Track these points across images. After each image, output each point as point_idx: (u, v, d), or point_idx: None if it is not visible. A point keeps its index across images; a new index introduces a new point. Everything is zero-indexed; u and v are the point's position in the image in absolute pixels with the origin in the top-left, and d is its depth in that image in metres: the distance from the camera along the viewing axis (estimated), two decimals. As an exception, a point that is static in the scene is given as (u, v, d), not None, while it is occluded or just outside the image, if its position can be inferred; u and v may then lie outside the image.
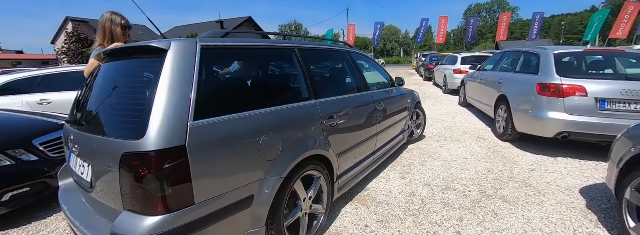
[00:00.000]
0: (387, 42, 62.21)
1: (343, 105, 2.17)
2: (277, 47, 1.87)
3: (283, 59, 1.99)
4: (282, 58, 1.98)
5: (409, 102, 3.56)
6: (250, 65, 1.88)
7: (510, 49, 4.98)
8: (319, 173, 1.88)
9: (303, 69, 1.92)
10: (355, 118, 2.30)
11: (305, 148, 1.71)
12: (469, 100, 6.09)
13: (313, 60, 2.14)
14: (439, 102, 7.50)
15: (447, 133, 4.48)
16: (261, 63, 1.91)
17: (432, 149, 3.74)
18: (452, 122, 5.21)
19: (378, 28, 21.94)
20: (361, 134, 2.40)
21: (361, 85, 2.56)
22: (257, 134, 1.45)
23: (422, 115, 4.06)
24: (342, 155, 2.13)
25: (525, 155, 3.39)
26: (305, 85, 1.91)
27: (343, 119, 2.10)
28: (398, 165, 3.21)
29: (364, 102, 2.48)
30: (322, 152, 1.85)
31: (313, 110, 1.86)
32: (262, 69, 1.93)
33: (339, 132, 2.06)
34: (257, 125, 1.47)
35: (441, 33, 21.83)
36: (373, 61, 3.24)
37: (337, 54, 2.55)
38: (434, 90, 10.05)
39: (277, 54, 1.95)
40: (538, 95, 3.27)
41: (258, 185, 1.44)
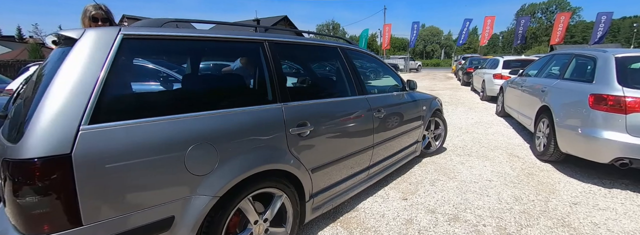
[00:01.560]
0: (428, 44, 59.39)
1: (322, 111, 1.82)
2: (235, 40, 1.56)
3: (245, 54, 1.67)
4: (244, 52, 1.67)
5: (424, 109, 3.07)
6: (190, 60, 1.59)
7: (560, 51, 4.19)
8: (280, 191, 1.58)
9: (270, 66, 1.62)
10: (340, 126, 1.94)
11: (257, 161, 1.43)
12: (507, 109, 5.32)
13: (288, 56, 1.82)
14: (473, 110, 6.72)
15: (473, 147, 3.87)
16: (209, 58, 1.61)
17: (450, 165, 3.21)
18: (483, 134, 4.54)
19: (415, 28, 20.80)
20: (348, 146, 2.03)
21: (354, 88, 2.18)
22: (182, 143, 1.19)
23: (442, 125, 3.52)
24: (318, 171, 1.80)
25: (568, 182, 2.74)
26: (269, 85, 1.60)
27: (320, 127, 1.77)
28: (403, 183, 2.76)
29: (354, 108, 2.09)
30: (284, 167, 1.54)
31: (274, 116, 1.55)
32: (207, 65, 1.63)
33: (314, 143, 1.73)
34: (183, 133, 1.21)
35: (486, 34, 20.11)
36: (380, 61, 2.82)
37: (325, 50, 2.19)
38: (471, 96, 9.14)
39: (236, 48, 1.64)
40: (591, 108, 2.60)
41: (181, 205, 1.19)
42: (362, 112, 2.15)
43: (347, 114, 2.01)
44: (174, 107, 1.25)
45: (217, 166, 1.30)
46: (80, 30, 1.13)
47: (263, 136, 1.49)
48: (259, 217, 1.53)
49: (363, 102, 2.19)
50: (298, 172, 1.64)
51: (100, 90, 1.04)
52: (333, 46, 2.19)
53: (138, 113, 1.13)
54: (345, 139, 2.00)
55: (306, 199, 1.77)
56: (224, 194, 1.31)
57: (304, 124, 1.67)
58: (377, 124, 2.29)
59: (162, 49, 1.40)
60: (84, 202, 0.99)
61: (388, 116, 2.44)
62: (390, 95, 2.62)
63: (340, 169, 2.02)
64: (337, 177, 2.01)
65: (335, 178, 2.01)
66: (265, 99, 1.57)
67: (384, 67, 2.83)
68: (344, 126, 1.97)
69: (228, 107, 1.40)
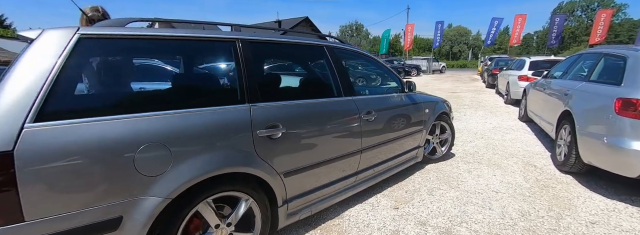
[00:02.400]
0: (454, 44, 57.21)
1: (297, 113, 1.73)
2: (204, 39, 1.51)
3: (215, 53, 1.62)
4: (214, 51, 1.62)
5: (426, 112, 2.86)
6: (154, 60, 1.55)
7: (588, 50, 3.77)
8: (246, 195, 1.52)
9: (241, 66, 1.55)
10: (320, 129, 1.83)
11: (216, 164, 1.37)
12: (529, 114, 4.92)
13: (264, 55, 1.75)
14: (494, 113, 6.29)
15: (486, 153, 3.58)
16: (172, 57, 1.57)
17: (455, 173, 2.97)
18: (500, 140, 4.21)
19: (439, 28, 20.03)
20: (330, 150, 1.91)
21: (340, 89, 2.05)
22: (132, 143, 1.18)
23: (449, 130, 3.28)
24: (292, 175, 1.71)
25: (589, 198, 2.42)
26: (238, 85, 1.53)
27: (295, 129, 1.67)
28: (399, 190, 2.58)
29: (337, 110, 1.97)
30: (248, 170, 1.48)
31: (239, 117, 1.48)
32: (169, 64, 1.58)
33: (287, 146, 1.65)
34: (133, 133, 1.19)
35: (516, 34, 18.93)
36: (377, 61, 2.66)
37: (308, 49, 2.08)
38: (494, 99, 8.61)
39: (206, 47, 1.58)
40: (617, 115, 2.29)
41: (130, 205, 1.18)
42: (347, 114, 2.02)
43: (327, 116, 1.89)
44: (126, 107, 1.25)
45: (171, 168, 1.26)
46: (38, 31, 1.16)
47: (225, 138, 1.43)
48: (222, 221, 1.47)
49: (349, 104, 2.06)
50: (267, 176, 1.56)
51: (49, 90, 1.07)
52: (318, 45, 2.07)
53: (87, 112, 1.15)
54: (326, 142, 1.88)
55: (279, 204, 1.69)
56: (177, 196, 1.27)
57: (275, 126, 1.59)
58: (366, 128, 2.14)
59: (124, 49, 1.38)
60: (26, 199, 1.01)
61: (380, 119, 2.29)
62: (385, 97, 2.46)
63: (321, 174, 1.90)
64: (316, 182, 1.90)
65: (315, 183, 1.90)
66: (231, 100, 1.52)
67: (382, 67, 2.67)
68: (323, 129, 1.86)
69: (187, 108, 1.36)
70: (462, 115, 6.14)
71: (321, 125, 1.85)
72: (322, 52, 2.06)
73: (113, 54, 1.35)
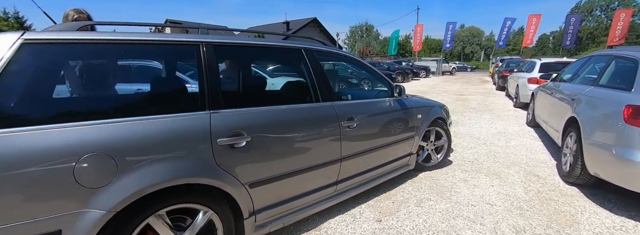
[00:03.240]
0: (467, 45, 56.08)
1: (265, 120, 1.62)
2: (163, 42, 1.43)
3: (175, 57, 1.53)
4: (174, 56, 1.53)
5: (419, 118, 2.70)
6: (107, 65, 1.46)
7: (599, 52, 3.52)
8: (205, 207, 1.43)
9: (204, 71, 1.46)
10: (291, 137, 1.72)
11: (167, 175, 1.28)
12: (537, 119, 4.66)
13: (233, 59, 1.66)
14: (501, 118, 6.03)
15: (486, 161, 3.38)
16: (127, 61, 1.48)
17: (449, 182, 2.79)
18: (503, 146, 3.98)
19: (450, 29, 19.59)
20: (304, 159, 1.79)
21: (318, 94, 1.93)
22: (72, 153, 1.12)
23: (445, 136, 3.10)
24: (260, 186, 1.60)
25: (595, 213, 2.22)
26: (199, 90, 1.44)
27: (262, 137, 1.57)
28: (386, 200, 2.43)
29: (313, 116, 1.85)
30: (206, 181, 1.38)
31: (196, 125, 1.39)
32: (122, 70, 1.50)
33: (253, 155, 1.54)
34: (73, 142, 1.14)
35: (530, 34, 18.31)
36: (364, 64, 2.52)
37: (283, 52, 1.97)
38: (503, 102, 8.29)
39: (165, 51, 1.50)
40: (626, 123, 2.08)
41: (70, 219, 1.12)
42: (324, 121, 1.89)
43: (300, 123, 1.77)
44: (67, 115, 1.18)
45: (116, 179, 1.19)
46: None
47: (179, 147, 1.34)
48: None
49: (327, 110, 1.94)
50: (228, 187, 1.47)
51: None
52: (295, 48, 1.96)
53: (24, 121, 1.09)
54: (299, 151, 1.77)
55: (244, 216, 1.58)
56: (122, 209, 1.19)
57: (239, 134, 1.50)
58: (347, 135, 2.01)
59: (72, 54, 1.30)
60: None
61: (364, 126, 2.15)
62: (370, 102, 2.33)
63: (294, 184, 1.78)
64: (289, 193, 1.79)
65: (287, 194, 1.78)
66: (189, 107, 1.43)
67: (370, 71, 2.53)
68: (296, 137, 1.74)
69: (137, 115, 1.29)
70: (466, 119, 5.91)
71: (293, 132, 1.74)
72: (299, 55, 1.95)
73: (59, 60, 1.27)
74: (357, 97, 2.40)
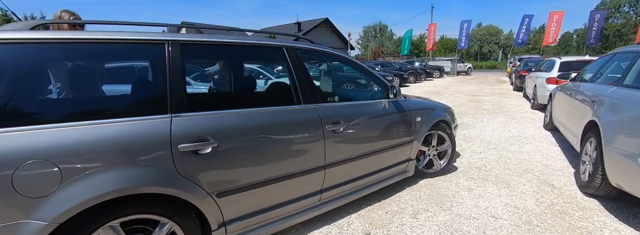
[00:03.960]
0: (484, 44, 54.36)
1: (235, 124, 1.49)
2: (124, 41, 1.34)
3: (137, 57, 1.44)
4: (136, 55, 1.44)
5: (418, 121, 2.50)
6: (53, 66, 1.36)
7: (624, 49, 3.19)
8: (165, 218, 1.32)
9: (168, 71, 1.36)
10: (265, 142, 1.59)
11: (119, 183, 1.19)
12: (554, 121, 4.32)
13: (203, 59, 1.54)
14: (516, 120, 5.67)
15: (495, 168, 3.12)
16: (85, 62, 1.38)
17: (451, 190, 2.57)
18: (516, 152, 3.69)
19: (465, 27, 18.96)
20: (280, 166, 1.65)
21: (299, 96, 1.78)
22: (9, 160, 1.03)
23: (448, 140, 2.87)
24: (230, 195, 1.48)
25: (617, 231, 1.95)
26: (160, 93, 1.34)
27: (232, 143, 1.45)
28: (378, 210, 2.24)
29: (291, 120, 1.70)
30: (165, 190, 1.28)
31: (155, 130, 1.29)
32: (75, 71, 1.38)
33: (221, 162, 1.42)
34: (13, 148, 1.05)
35: (552, 32, 17.43)
36: (359, 65, 2.34)
37: (260, 51, 1.83)
38: (520, 103, 7.86)
39: (126, 50, 1.41)
40: (654, 129, 1.81)
41: (8, 231, 1.04)
42: (305, 124, 1.75)
43: (276, 127, 1.63)
44: (7, 119, 1.09)
45: (59, 188, 1.10)
46: None
47: (133, 154, 1.24)
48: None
49: (308, 113, 1.78)
50: (191, 197, 1.35)
51: None
52: (275, 46, 1.81)
53: None
54: (275, 158, 1.62)
55: (213, 227, 1.47)
56: (66, 220, 1.10)
57: (204, 140, 1.38)
58: (332, 140, 1.85)
59: (19, 54, 1.21)
60: None
61: (352, 130, 1.99)
62: (360, 105, 2.16)
63: (270, 192, 1.65)
64: (265, 202, 1.65)
65: (263, 203, 1.65)
66: (148, 110, 1.32)
67: (362, 71, 2.36)
68: (271, 142, 1.60)
69: (83, 119, 1.19)
70: (478, 121, 5.59)
71: (267, 138, 1.60)
72: (279, 54, 1.80)
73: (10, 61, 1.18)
74: (348, 98, 2.23)
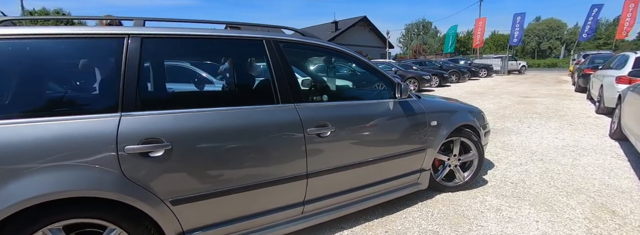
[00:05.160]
0: (543, 40, 48.84)
1: (194, 124, 1.34)
2: (78, 36, 1.26)
3: (91, 53, 1.36)
4: (89, 51, 1.35)
5: (434, 125, 2.12)
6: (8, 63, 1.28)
7: None
8: (112, 224, 1.25)
9: (124, 66, 1.27)
10: (231, 146, 1.42)
11: (58, 185, 1.11)
12: (624, 129, 3.52)
13: (167, 54, 1.51)
14: (574, 126, 4.81)
15: (537, 185, 2.57)
16: (37, 58, 1.30)
17: (474, 209, 2.14)
18: (568, 165, 3.05)
19: (518, 21, 17.01)
20: (248, 173, 1.48)
21: (277, 94, 1.58)
22: None
23: (474, 149, 2.42)
24: (189, 203, 1.35)
25: None
26: (112, 90, 1.26)
27: (189, 145, 1.32)
28: (377, 228, 1.92)
29: (263, 122, 1.50)
30: (107, 195, 1.19)
31: (99, 130, 1.20)
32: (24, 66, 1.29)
33: (177, 166, 1.30)
34: None
35: (626, 24, 14.85)
36: (361, 60, 2.03)
37: (237, 44, 1.65)
38: (582, 106, 6.75)
39: (82, 45, 1.32)
40: None
41: None
42: (280, 126, 1.53)
43: (243, 129, 1.45)
44: None
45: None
46: None
47: (74, 155, 1.16)
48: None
49: (286, 114, 1.55)
50: (140, 203, 1.24)
51: None
52: (254, 39, 1.61)
53: None
54: (242, 163, 1.45)
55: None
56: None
57: (156, 141, 1.26)
58: (315, 145, 1.61)
59: None
60: None
61: (344, 134, 1.71)
62: (354, 105, 1.87)
63: (239, 201, 1.48)
64: (232, 211, 1.48)
65: (231, 213, 1.48)
66: (95, 108, 1.25)
67: (365, 67, 2.05)
68: (237, 145, 1.43)
69: (17, 118, 1.11)
70: (524, 126, 4.85)
71: (233, 140, 1.42)
72: (258, 48, 1.61)
73: None
74: (345, 98, 1.95)
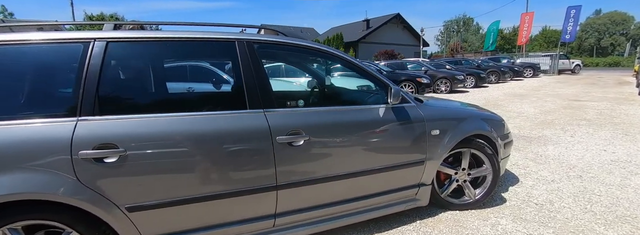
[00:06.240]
0: (604, 36, 43.48)
1: (150, 130, 1.31)
2: (40, 42, 1.27)
3: (51, 57, 1.33)
4: (56, 55, 1.33)
5: (435, 134, 1.85)
6: None
7: None
8: (68, 227, 1.26)
9: (85, 70, 1.26)
10: (191, 153, 1.36)
11: (7, 188, 1.12)
12: (695, 144, 2.88)
13: (134, 58, 1.47)
14: (630, 137, 4.10)
15: (569, 208, 2.16)
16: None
17: (481, 234, 1.83)
18: (614, 185, 2.54)
19: (572, 15, 15.16)
20: (210, 182, 1.40)
21: (245, 99, 1.47)
22: None
23: (488, 163, 2.08)
24: (146, 210, 1.32)
25: None
26: (69, 95, 1.25)
27: (145, 152, 1.29)
28: (362, 252, 1.70)
29: (224, 128, 1.41)
30: (63, 199, 1.19)
31: (53, 134, 1.19)
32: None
33: (132, 172, 1.30)
34: None
35: None
36: (350, 61, 1.81)
37: (206, 46, 1.57)
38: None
39: (41, 51, 1.31)
40: None
41: None
42: (246, 133, 1.44)
43: (204, 136, 1.37)
44: None
45: None
46: None
47: (30, 159, 1.16)
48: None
49: (253, 120, 1.45)
50: (94, 208, 1.23)
51: None
52: (226, 40, 1.51)
53: None
54: (203, 171, 1.38)
55: None
56: None
57: (110, 147, 1.24)
58: (286, 154, 1.48)
59: None
60: None
61: (321, 143, 1.54)
62: (336, 111, 1.68)
63: (202, 211, 1.41)
64: (196, 221, 1.42)
65: (194, 222, 1.42)
66: (53, 113, 1.23)
67: (354, 68, 1.84)
68: (196, 153, 1.36)
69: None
70: (566, 135, 4.23)
71: (193, 148, 1.36)
72: (230, 50, 1.51)
73: None
74: (329, 103, 1.76)
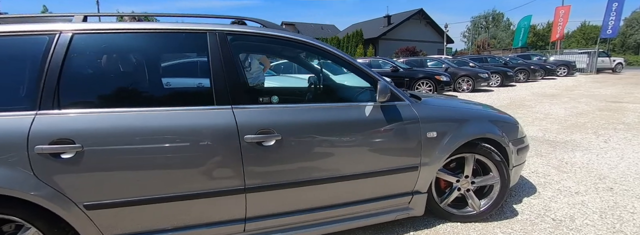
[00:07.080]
0: (654, 32, 39.53)
1: (113, 126, 1.25)
2: (10, 34, 1.23)
3: (21, 51, 1.29)
4: (18, 49, 1.29)
5: (430, 137, 1.64)
6: None
7: None
8: (27, 222, 1.22)
9: (49, 64, 1.22)
10: (154, 151, 1.29)
11: None
12: None
13: (100, 50, 1.40)
14: (677, 143, 3.59)
15: (592, 226, 1.86)
16: None
17: (482, 254, 1.60)
18: None
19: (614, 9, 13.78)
20: (174, 182, 1.32)
21: (212, 95, 1.37)
22: None
23: (495, 170, 1.83)
24: (105, 209, 1.27)
25: None
26: (27, 87, 1.22)
27: (102, 148, 1.23)
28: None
29: (187, 126, 1.31)
30: (19, 194, 1.16)
31: (9, 128, 1.15)
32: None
33: (90, 169, 1.23)
34: None
35: None
36: (337, 55, 1.63)
37: (175, 38, 1.47)
38: (697, 117, 5.11)
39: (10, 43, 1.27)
40: None
41: None
42: (210, 131, 1.33)
43: (163, 133, 1.29)
44: None
45: None
46: None
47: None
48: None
49: (218, 117, 1.35)
50: (50, 205, 1.19)
51: None
52: (196, 31, 1.41)
53: None
54: (165, 171, 1.31)
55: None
56: None
57: (67, 142, 1.19)
58: (255, 155, 1.37)
59: None
60: None
61: (294, 143, 1.41)
62: (314, 109, 1.53)
63: (166, 211, 1.33)
64: (159, 221, 1.35)
65: (157, 223, 1.35)
66: (11, 106, 1.19)
67: (342, 63, 1.66)
68: (158, 151, 1.29)
69: None
70: (599, 140, 3.79)
71: (153, 145, 1.28)
72: (200, 42, 1.41)
73: None
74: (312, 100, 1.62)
